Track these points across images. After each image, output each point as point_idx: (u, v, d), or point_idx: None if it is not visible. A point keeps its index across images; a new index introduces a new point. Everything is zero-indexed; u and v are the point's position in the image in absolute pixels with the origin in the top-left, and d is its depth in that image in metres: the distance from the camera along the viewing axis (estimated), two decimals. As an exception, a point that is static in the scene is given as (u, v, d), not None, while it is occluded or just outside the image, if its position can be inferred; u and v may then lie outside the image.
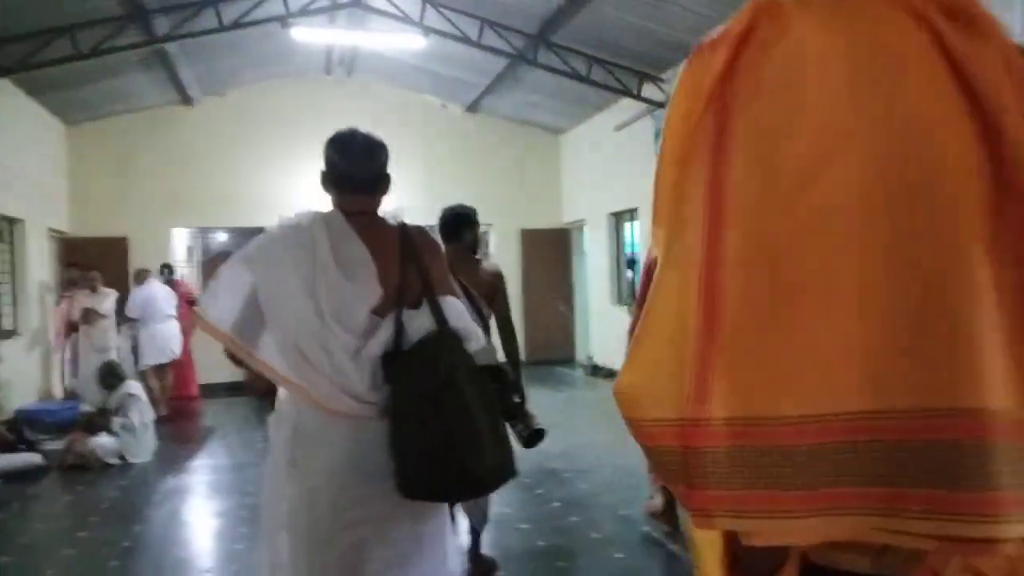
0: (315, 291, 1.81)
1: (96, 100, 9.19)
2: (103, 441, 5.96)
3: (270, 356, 1.80)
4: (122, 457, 5.98)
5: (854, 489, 0.74)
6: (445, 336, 1.84)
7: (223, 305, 1.84)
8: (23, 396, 7.74)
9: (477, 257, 3.58)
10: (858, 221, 0.75)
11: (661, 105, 8.33)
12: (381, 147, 2.11)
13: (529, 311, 11.38)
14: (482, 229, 11.24)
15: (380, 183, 2.06)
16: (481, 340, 1.94)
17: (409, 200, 11.15)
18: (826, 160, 0.76)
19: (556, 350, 11.28)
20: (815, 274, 0.76)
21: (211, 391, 9.60)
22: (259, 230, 7.58)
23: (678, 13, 6.79)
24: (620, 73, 8.30)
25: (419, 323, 1.87)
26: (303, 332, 1.78)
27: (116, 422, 6.05)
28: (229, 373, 9.06)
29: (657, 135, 8.49)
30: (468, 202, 3.80)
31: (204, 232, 11.81)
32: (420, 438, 1.72)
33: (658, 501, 3.92)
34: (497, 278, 3.42)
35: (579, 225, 11.57)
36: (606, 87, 8.34)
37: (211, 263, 10.89)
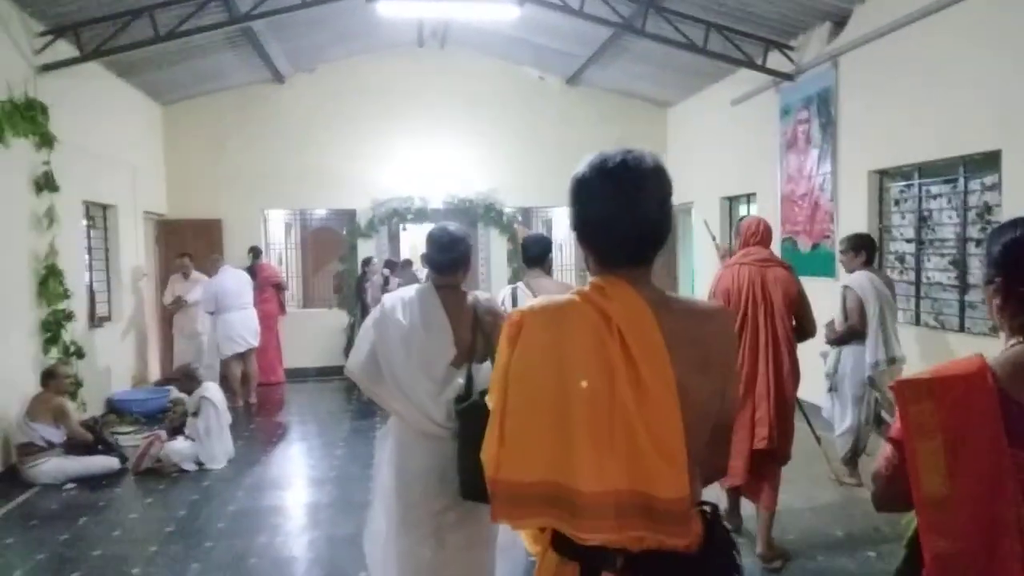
0: (410, 347, 2.57)
1: (188, 80, 9.02)
2: (179, 446, 5.76)
3: (384, 392, 2.64)
4: (199, 462, 5.76)
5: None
6: None
7: (356, 355, 2.69)
8: (118, 383, 7.75)
9: (553, 279, 3.99)
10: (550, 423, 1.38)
11: (789, 77, 7.24)
12: (461, 241, 2.74)
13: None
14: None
15: (458, 267, 2.74)
16: None
17: (502, 180, 10.58)
18: (535, 395, 1.39)
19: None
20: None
21: (299, 375, 9.46)
22: (351, 212, 7.17)
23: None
24: (742, 41, 7.27)
25: (484, 374, 2.53)
26: (402, 377, 2.56)
27: (193, 425, 5.83)
28: (317, 358, 8.87)
29: (784, 112, 7.43)
30: (568, 182, 3.31)
31: (302, 210, 11.65)
32: (476, 456, 1.95)
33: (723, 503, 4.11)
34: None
35: (687, 208, 10.58)
36: (726, 57, 7.33)
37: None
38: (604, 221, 1.41)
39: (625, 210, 1.39)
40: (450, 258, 2.69)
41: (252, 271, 8.80)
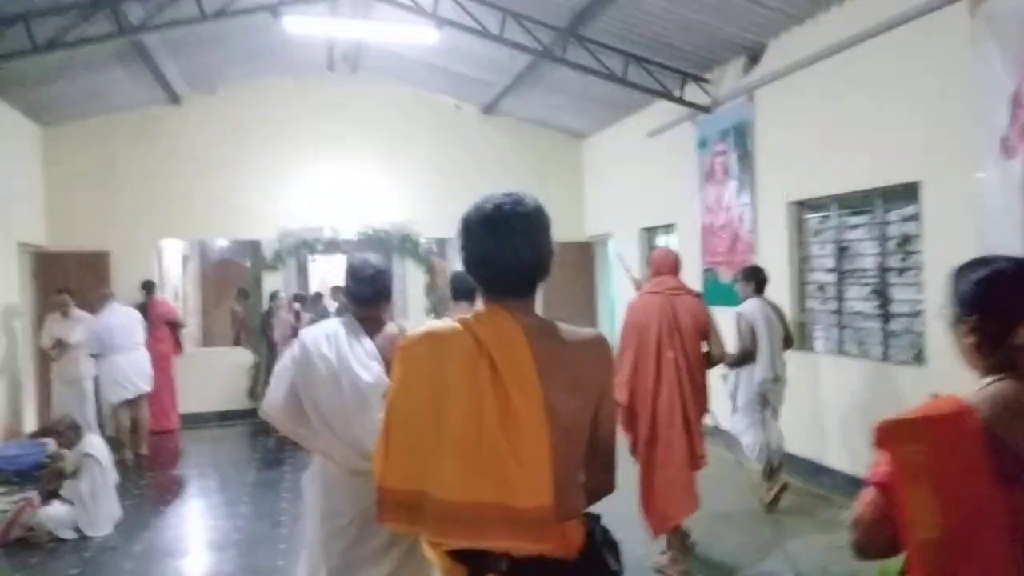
0: (339, 382, 2.48)
1: (72, 99, 8.25)
2: (55, 511, 5.04)
3: (308, 432, 2.54)
4: (78, 529, 5.05)
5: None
6: None
7: (274, 395, 2.59)
8: (-17, 436, 6.84)
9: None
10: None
11: (706, 110, 7.30)
12: (382, 273, 2.69)
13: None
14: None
15: (380, 298, 2.69)
16: None
17: (417, 210, 10.24)
18: (414, 412, 1.54)
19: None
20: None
21: (197, 420, 8.70)
22: (256, 242, 6.69)
23: (741, 7, 5.76)
24: (660, 73, 7.29)
25: None
26: (330, 413, 2.47)
27: (73, 487, 5.12)
28: (217, 401, 8.17)
29: (701, 144, 7.47)
30: None
31: (201, 241, 10.89)
32: None
33: (665, 559, 4.14)
34: None
35: (604, 239, 10.56)
36: (644, 88, 7.32)
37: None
38: (484, 258, 1.59)
39: (501, 249, 1.57)
40: (372, 290, 2.66)
41: (144, 308, 8.05)
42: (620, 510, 2.00)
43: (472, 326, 1.55)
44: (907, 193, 5.11)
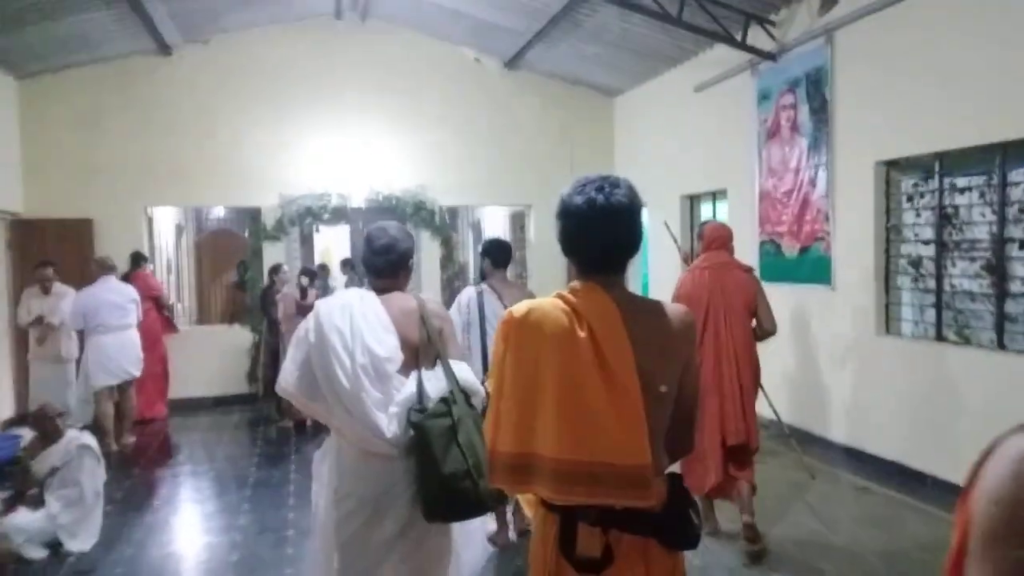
0: (353, 356, 2.32)
1: (50, 48, 7.33)
2: (24, 520, 4.23)
3: (322, 408, 2.38)
4: (53, 543, 4.25)
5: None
6: (456, 394, 2.35)
7: (289, 369, 2.42)
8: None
9: (515, 281, 4.26)
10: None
11: (770, 56, 6.36)
12: (400, 242, 2.57)
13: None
14: (519, 210, 9.34)
15: (399, 269, 2.56)
16: (480, 392, 2.41)
17: (432, 175, 9.35)
18: (521, 380, 1.64)
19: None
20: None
21: (190, 407, 7.89)
22: (255, 210, 5.75)
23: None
24: (718, 14, 6.32)
25: (435, 382, 2.37)
26: (344, 389, 2.30)
27: (59, 488, 4.31)
28: (213, 385, 7.35)
29: (763, 97, 6.54)
30: (506, 177, 6.23)
31: (195, 209, 10.00)
32: (441, 473, 2.21)
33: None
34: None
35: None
36: (703, 31, 6.36)
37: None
38: (583, 239, 1.69)
39: (600, 230, 1.66)
40: (389, 260, 2.54)
41: (127, 281, 7.19)
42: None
43: (570, 300, 1.66)
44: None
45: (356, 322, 2.35)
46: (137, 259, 7.66)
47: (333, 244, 12.28)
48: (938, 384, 4.88)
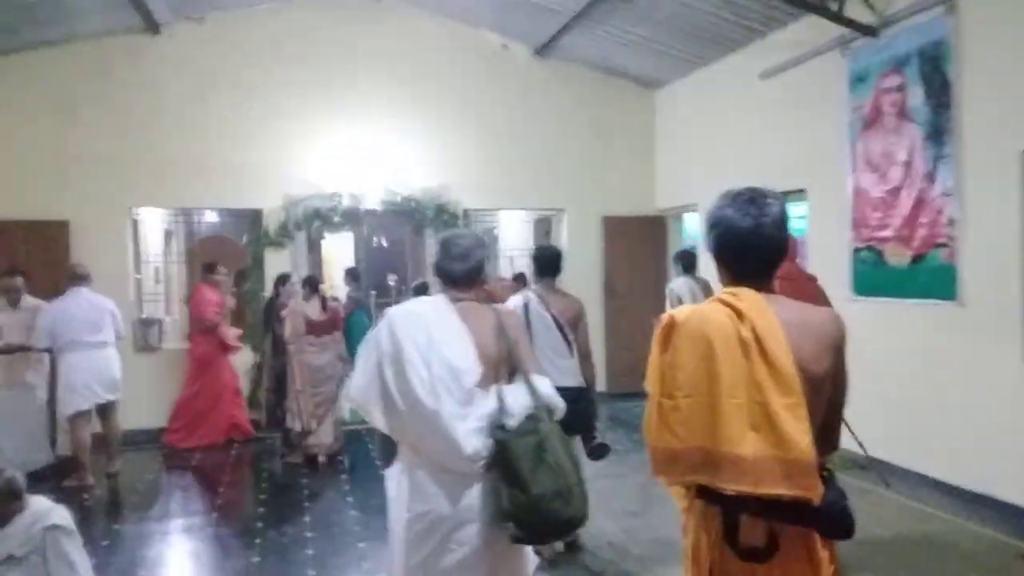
0: (428, 367, 2.17)
1: (19, 22, 6.31)
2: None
3: (389, 416, 2.25)
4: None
5: None
6: (540, 410, 2.23)
7: (359, 378, 2.32)
8: None
9: (561, 289, 4.16)
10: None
11: (870, 32, 5.43)
12: (478, 249, 2.45)
13: (612, 329, 8.54)
14: (549, 214, 8.39)
15: (475, 277, 2.44)
16: (562, 408, 2.33)
17: (454, 174, 8.36)
18: (688, 379, 1.70)
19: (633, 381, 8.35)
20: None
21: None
22: (256, 212, 4.66)
23: None
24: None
25: (516, 396, 2.25)
26: (419, 400, 2.15)
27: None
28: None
29: (858, 80, 5.61)
30: (535, 179, 7.59)
31: (186, 211, 8.94)
32: (531, 494, 2.09)
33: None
34: (580, 309, 4.08)
35: (681, 212, 8.70)
36: (789, 1, 5.44)
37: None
38: (737, 247, 1.78)
39: (752, 239, 1.75)
40: (467, 268, 2.40)
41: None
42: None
43: (730, 301, 1.73)
44: None
45: (432, 331, 2.23)
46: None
47: (335, 252, 11.26)
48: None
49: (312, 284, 6.40)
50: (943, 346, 4.98)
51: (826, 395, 1.72)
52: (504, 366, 2.30)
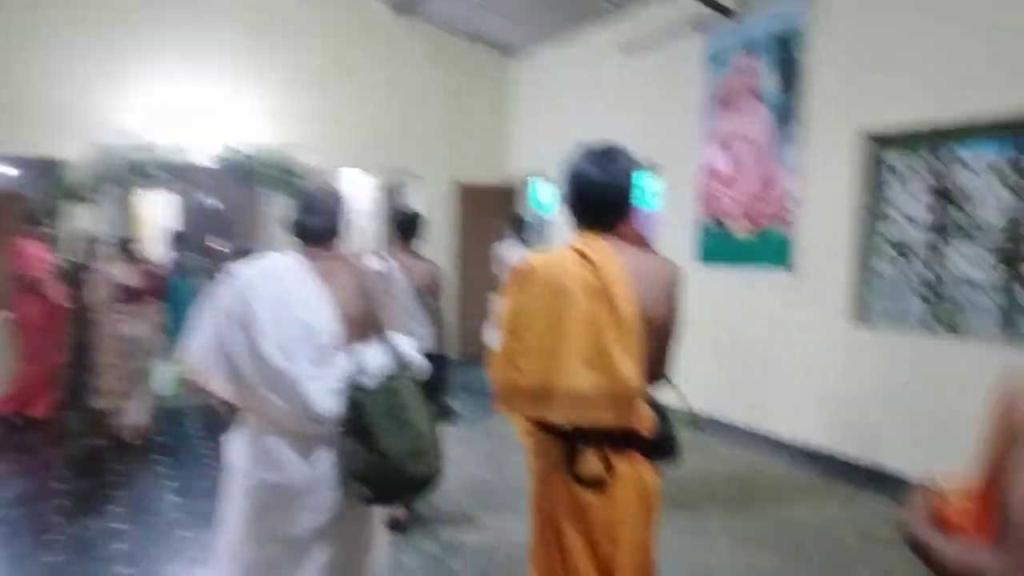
0: (281, 327, 2.08)
1: None
2: None
3: (235, 383, 2.13)
4: None
5: None
6: (399, 370, 2.15)
7: (197, 340, 2.18)
8: None
9: (421, 255, 4.05)
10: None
11: (729, 15, 5.57)
12: (336, 202, 2.34)
13: (464, 297, 8.34)
14: (400, 179, 8.05)
15: (334, 232, 2.32)
16: (423, 368, 2.26)
17: (299, 131, 7.71)
18: (537, 321, 1.86)
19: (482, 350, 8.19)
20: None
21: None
22: (55, 164, 3.83)
23: None
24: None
25: (374, 355, 2.16)
26: (270, 364, 2.05)
27: None
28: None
29: (715, 60, 5.76)
30: (387, 138, 7.18)
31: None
32: (383, 453, 2.03)
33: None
34: (439, 275, 4.04)
35: (533, 178, 8.63)
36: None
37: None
38: (588, 200, 1.95)
39: (602, 194, 1.93)
40: (325, 222, 2.30)
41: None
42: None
43: (581, 248, 1.87)
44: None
45: (286, 291, 2.15)
46: None
47: (156, 212, 10.09)
48: (927, 379, 4.30)
49: (126, 246, 5.59)
50: (779, 311, 5.25)
51: (664, 335, 1.90)
52: (366, 327, 2.22)
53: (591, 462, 1.84)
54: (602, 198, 1.91)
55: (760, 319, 5.40)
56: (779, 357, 5.26)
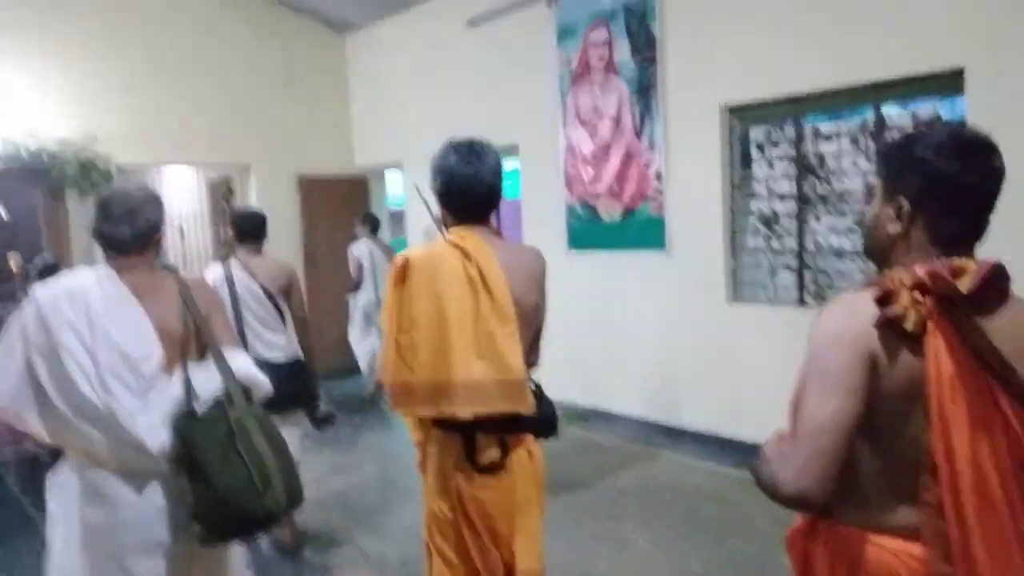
0: (94, 356, 1.86)
1: None
2: None
3: (48, 420, 1.89)
4: None
5: None
6: (234, 392, 1.95)
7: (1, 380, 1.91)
8: None
9: (269, 256, 3.79)
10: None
11: (577, -17, 5.30)
12: (148, 207, 2.06)
13: (315, 302, 7.61)
14: (230, 173, 7.23)
15: (147, 242, 2.06)
16: (266, 387, 2.08)
17: (107, 123, 6.63)
18: (421, 316, 1.91)
19: (341, 358, 7.40)
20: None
21: None
22: None
23: None
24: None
25: (206, 377, 1.96)
26: (85, 398, 1.84)
27: None
28: None
29: (565, 33, 5.51)
30: (213, 127, 6.80)
31: None
32: (217, 489, 1.82)
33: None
34: (292, 275, 3.73)
35: (385, 169, 8.06)
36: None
37: None
38: (460, 189, 1.99)
39: (473, 182, 1.98)
40: (135, 231, 2.03)
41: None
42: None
43: (457, 243, 1.93)
44: (940, 85, 3.75)
45: (95, 312, 1.89)
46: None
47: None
48: (800, 352, 4.31)
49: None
50: (654, 293, 5.13)
51: (533, 322, 2.01)
52: (192, 344, 2.02)
53: (490, 449, 1.95)
54: (472, 193, 1.97)
55: (635, 302, 5.25)
56: (656, 341, 5.14)
